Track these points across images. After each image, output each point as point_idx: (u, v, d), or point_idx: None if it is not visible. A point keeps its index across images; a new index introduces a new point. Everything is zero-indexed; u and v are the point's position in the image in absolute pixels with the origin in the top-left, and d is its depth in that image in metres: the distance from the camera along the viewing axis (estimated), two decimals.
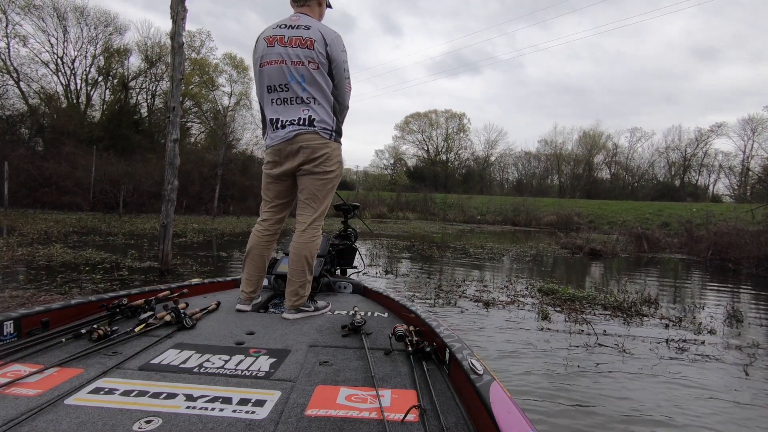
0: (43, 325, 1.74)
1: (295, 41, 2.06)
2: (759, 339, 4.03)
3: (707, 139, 40.82)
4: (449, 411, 1.23)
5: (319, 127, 2.10)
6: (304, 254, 2.15)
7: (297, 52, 2.05)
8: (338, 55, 2.11)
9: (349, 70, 2.19)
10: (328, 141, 2.13)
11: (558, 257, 10.91)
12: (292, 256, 2.17)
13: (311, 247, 2.17)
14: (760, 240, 9.96)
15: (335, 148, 2.17)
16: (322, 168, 2.13)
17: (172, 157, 6.23)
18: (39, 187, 16.91)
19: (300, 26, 2.09)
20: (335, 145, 2.17)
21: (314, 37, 2.06)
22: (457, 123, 49.08)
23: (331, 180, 2.19)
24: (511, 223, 27.08)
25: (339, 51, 2.11)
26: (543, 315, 4.46)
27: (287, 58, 2.05)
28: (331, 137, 2.14)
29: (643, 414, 2.43)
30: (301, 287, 2.14)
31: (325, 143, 2.12)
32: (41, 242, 7.88)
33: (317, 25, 2.12)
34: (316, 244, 2.19)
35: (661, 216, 23.98)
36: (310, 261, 2.17)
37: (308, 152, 2.10)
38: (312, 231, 2.18)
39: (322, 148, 2.10)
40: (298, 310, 2.14)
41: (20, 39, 23.16)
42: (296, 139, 2.09)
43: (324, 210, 2.23)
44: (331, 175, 2.17)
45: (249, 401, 1.24)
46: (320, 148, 2.10)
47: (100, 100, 27.47)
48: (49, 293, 4.32)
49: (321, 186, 2.17)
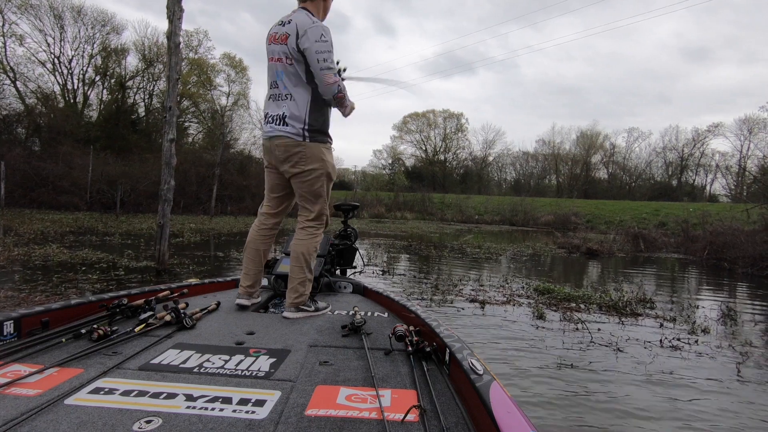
0: (43, 325, 1.74)
1: (278, 38, 2.08)
2: (752, 338, 4.06)
3: (704, 139, 41.09)
4: (449, 411, 1.23)
5: (291, 127, 2.07)
6: (300, 251, 2.16)
7: (277, 49, 2.09)
8: (311, 46, 1.99)
9: (331, 60, 2.04)
10: (301, 141, 2.08)
11: (555, 257, 10.94)
12: (291, 253, 2.22)
13: (308, 245, 2.17)
14: (755, 239, 10.02)
15: (311, 147, 2.10)
16: (300, 168, 2.11)
17: (169, 157, 6.21)
18: (36, 187, 16.83)
19: (288, 22, 2.08)
20: (312, 144, 2.10)
21: (289, 31, 2.04)
22: (455, 123, 49.16)
23: (314, 180, 2.14)
24: (509, 223, 27.12)
25: (312, 41, 1.99)
26: (538, 314, 4.48)
27: (274, 55, 2.11)
28: (304, 137, 2.08)
29: (637, 412, 2.45)
30: (300, 284, 2.14)
31: (298, 143, 2.08)
32: (37, 242, 7.85)
33: (300, 17, 2.05)
34: (312, 242, 2.19)
35: (658, 216, 24.07)
36: (307, 258, 2.17)
37: (282, 151, 2.11)
38: (309, 230, 2.20)
39: (295, 147, 2.09)
40: (298, 308, 2.12)
41: (17, 38, 23.08)
42: (273, 140, 2.12)
43: (320, 210, 2.22)
44: (311, 175, 2.13)
45: (249, 401, 1.24)
46: (293, 147, 2.09)
47: (97, 100, 27.41)
48: (45, 293, 4.30)
49: (306, 186, 2.16)
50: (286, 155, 2.11)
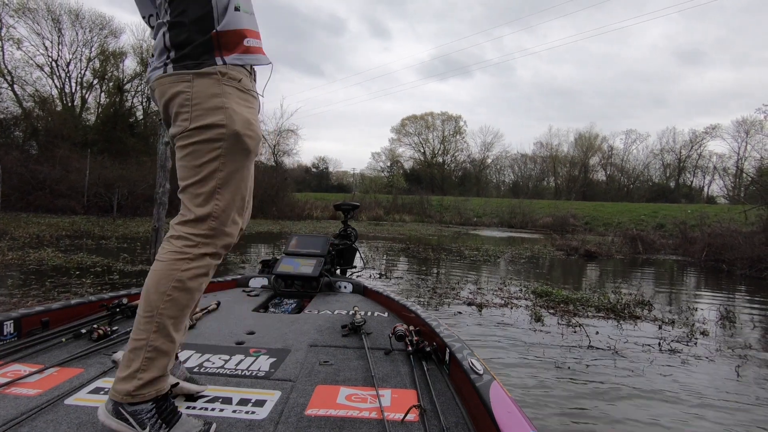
0: (43, 325, 1.73)
1: None
2: (751, 340, 4.07)
3: (701, 141, 41.32)
4: (449, 411, 1.23)
5: (159, 52, 1.14)
6: (152, 284, 1.09)
7: None
8: None
9: None
10: (167, 75, 1.12)
11: (554, 259, 10.96)
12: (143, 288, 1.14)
13: (169, 274, 1.08)
14: (753, 241, 10.05)
15: (196, 85, 1.09)
16: (180, 125, 1.11)
17: (164, 160, 6.22)
18: (32, 190, 16.76)
19: None
20: (197, 75, 1.10)
21: None
22: (454, 125, 49.32)
23: (202, 145, 1.10)
24: (507, 225, 27.16)
25: None
26: (536, 317, 4.48)
27: None
28: (165, 66, 1.12)
29: (634, 416, 2.45)
30: (135, 352, 1.05)
31: (174, 78, 1.11)
32: (33, 246, 7.81)
33: None
34: (179, 271, 1.09)
35: (656, 217, 24.15)
36: (158, 302, 1.07)
37: (158, 99, 1.17)
38: (179, 244, 1.11)
39: (171, 87, 1.11)
40: (118, 411, 1.02)
41: (14, 42, 23.01)
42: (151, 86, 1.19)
43: (211, 211, 1.12)
44: (197, 137, 1.09)
45: (249, 401, 1.24)
46: (168, 88, 1.12)
47: (95, 103, 27.31)
48: (37, 298, 4.28)
49: (188, 158, 1.11)
50: (162, 102, 1.15)
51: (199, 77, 1.09)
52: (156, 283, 1.08)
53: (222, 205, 1.13)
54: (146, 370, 1.04)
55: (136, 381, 1.03)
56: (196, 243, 1.11)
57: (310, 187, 40.52)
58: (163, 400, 1.06)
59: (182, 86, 1.10)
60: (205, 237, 1.12)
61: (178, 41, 1.10)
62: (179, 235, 1.12)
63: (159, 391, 1.06)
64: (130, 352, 1.05)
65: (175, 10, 1.10)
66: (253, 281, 2.92)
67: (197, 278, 1.11)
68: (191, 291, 1.11)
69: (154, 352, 1.05)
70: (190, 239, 1.11)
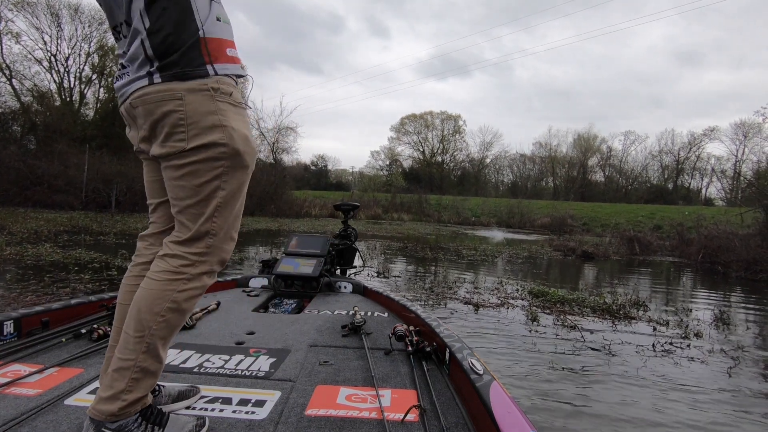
0: (43, 325, 1.73)
1: None
2: (744, 342, 4.10)
3: (700, 142, 41.47)
4: (449, 411, 1.24)
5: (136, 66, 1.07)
6: (141, 305, 1.06)
7: None
8: None
9: None
10: (164, 84, 1.04)
11: (551, 259, 10.98)
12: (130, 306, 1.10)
13: (163, 295, 1.06)
14: (749, 244, 10.10)
15: (191, 101, 1.04)
16: (175, 145, 1.05)
17: None
18: (30, 185, 16.70)
19: None
20: (188, 91, 1.04)
21: None
22: (453, 125, 49.32)
23: (202, 164, 1.07)
24: (506, 225, 27.19)
25: None
26: (532, 317, 4.49)
27: None
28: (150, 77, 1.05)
29: (627, 416, 2.46)
30: (120, 372, 1.01)
31: (161, 95, 1.04)
32: (30, 241, 7.79)
33: None
34: (173, 293, 1.07)
35: (653, 219, 24.21)
36: (150, 323, 1.04)
37: (143, 115, 1.08)
38: (175, 263, 1.09)
39: (160, 106, 1.04)
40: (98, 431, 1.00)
41: (13, 36, 22.91)
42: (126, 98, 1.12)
43: (207, 229, 1.10)
44: (196, 156, 1.05)
45: (249, 401, 1.25)
46: (157, 107, 1.05)
47: (93, 99, 27.18)
48: (36, 293, 4.27)
49: (187, 178, 1.07)
50: (149, 121, 1.07)
51: (191, 93, 1.04)
52: (150, 304, 1.05)
53: (220, 222, 1.12)
54: (131, 392, 1.01)
55: (120, 402, 1.00)
56: (192, 262, 1.10)
57: (309, 185, 40.48)
58: (147, 408, 1.05)
59: (173, 105, 1.03)
60: (202, 255, 1.11)
61: (162, 48, 1.04)
62: (174, 254, 1.10)
63: (143, 404, 1.05)
64: (114, 371, 1.01)
65: (153, 15, 1.03)
66: (253, 281, 2.93)
67: (192, 299, 1.11)
68: (185, 312, 1.10)
69: (141, 373, 1.03)
70: (186, 258, 1.10)
